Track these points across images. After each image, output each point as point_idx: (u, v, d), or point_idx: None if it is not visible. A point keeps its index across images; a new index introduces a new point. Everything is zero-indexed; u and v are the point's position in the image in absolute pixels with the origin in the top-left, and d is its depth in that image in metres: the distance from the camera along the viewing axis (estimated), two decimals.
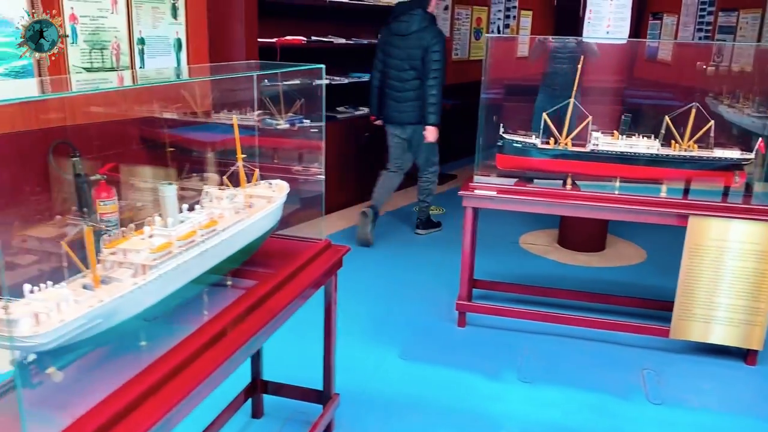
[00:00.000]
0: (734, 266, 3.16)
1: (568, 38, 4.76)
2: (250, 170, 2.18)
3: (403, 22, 4.73)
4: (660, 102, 4.66)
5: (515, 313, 3.59)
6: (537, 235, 5.29)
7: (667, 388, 3.09)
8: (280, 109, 2.96)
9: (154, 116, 2.77)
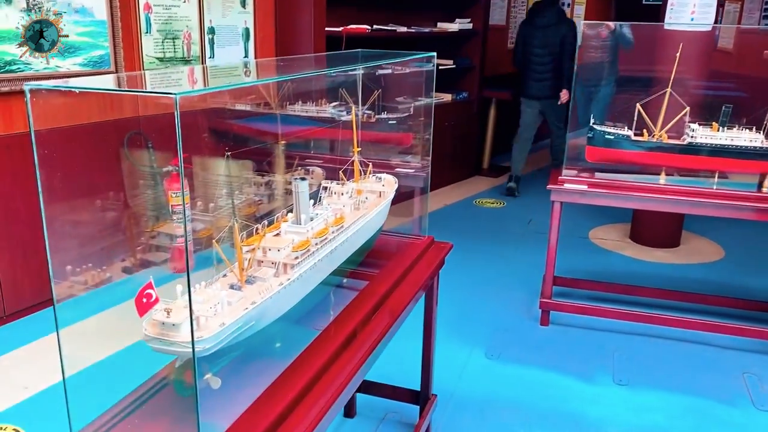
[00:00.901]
0: None
1: (645, 24, 4.57)
2: (365, 165, 2.10)
3: (544, 17, 5.78)
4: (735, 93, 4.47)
5: (602, 312, 3.46)
6: (607, 229, 5.12)
7: None
8: (356, 101, 2.88)
9: (248, 109, 2.70)
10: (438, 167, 5.12)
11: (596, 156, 3.36)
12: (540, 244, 4.08)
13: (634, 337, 3.41)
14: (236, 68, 3.06)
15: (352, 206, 1.91)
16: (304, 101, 2.88)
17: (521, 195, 6.04)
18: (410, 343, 2.45)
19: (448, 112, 5.92)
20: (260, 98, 2.75)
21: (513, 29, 7.73)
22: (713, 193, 3.16)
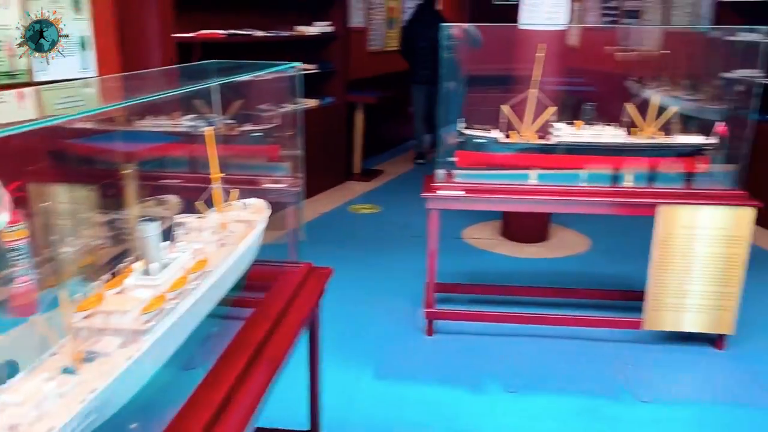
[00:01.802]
0: (704, 253, 3.14)
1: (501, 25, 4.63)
2: (229, 188, 1.84)
3: (426, 15, 6.90)
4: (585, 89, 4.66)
5: (483, 317, 3.43)
6: (479, 228, 5.16)
7: (650, 383, 3.03)
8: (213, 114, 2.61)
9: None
10: (309, 174, 4.89)
11: (467, 161, 3.31)
12: (418, 249, 3.99)
13: (518, 338, 3.40)
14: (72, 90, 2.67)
15: (216, 244, 1.65)
16: (155, 115, 2.56)
17: (396, 200, 5.98)
18: (295, 372, 2.22)
19: (315, 117, 5.72)
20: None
21: (374, 31, 7.67)
22: (579, 191, 3.20)
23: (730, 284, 3.17)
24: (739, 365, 3.19)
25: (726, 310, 3.21)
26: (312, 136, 5.52)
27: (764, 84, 3.28)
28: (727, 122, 3.26)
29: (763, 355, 3.26)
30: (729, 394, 2.96)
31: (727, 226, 3.10)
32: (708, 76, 4.19)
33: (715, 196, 3.13)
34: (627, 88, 4.27)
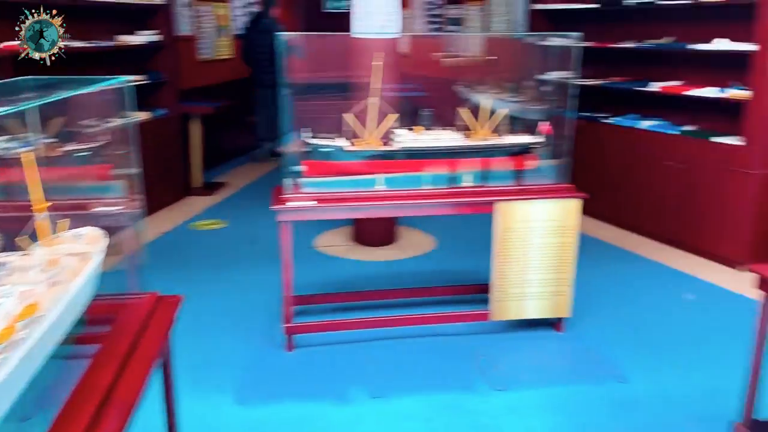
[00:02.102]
0: (540, 243, 3.38)
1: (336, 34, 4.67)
2: (52, 220, 1.64)
3: (263, 23, 7.30)
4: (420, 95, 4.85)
5: (342, 325, 3.42)
6: (331, 236, 5.16)
7: (502, 371, 3.19)
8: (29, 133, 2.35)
9: None
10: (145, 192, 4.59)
11: (315, 171, 3.28)
12: (271, 263, 3.90)
13: (378, 342, 3.43)
14: None
15: (46, 283, 1.47)
16: None
17: (242, 213, 5.79)
18: (150, 409, 2.05)
19: (148, 131, 5.37)
20: None
21: (203, 39, 7.39)
22: (424, 193, 3.30)
23: (564, 271, 3.44)
24: (577, 344, 3.47)
25: (562, 295, 3.48)
26: (145, 150, 5.15)
27: (577, 84, 3.59)
28: (550, 121, 3.53)
29: (595, 333, 3.58)
30: (572, 372, 3.21)
31: (558, 217, 3.35)
32: (528, 79, 4.53)
33: (545, 190, 3.38)
34: (457, 93, 4.49)
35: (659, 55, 5.22)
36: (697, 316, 3.80)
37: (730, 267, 4.47)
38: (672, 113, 5.17)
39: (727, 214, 4.48)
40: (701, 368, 3.20)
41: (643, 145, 5.09)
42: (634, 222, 5.22)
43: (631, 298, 4.03)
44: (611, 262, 4.62)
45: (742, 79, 4.41)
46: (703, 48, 4.60)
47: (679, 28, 5.03)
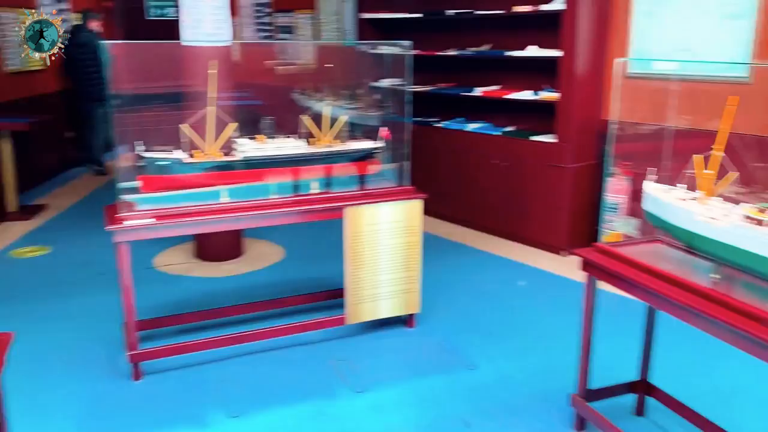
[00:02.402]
0: (388, 244, 3.48)
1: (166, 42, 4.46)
2: None
3: (82, 36, 7.10)
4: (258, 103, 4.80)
5: (192, 347, 3.26)
6: (171, 253, 4.91)
7: (362, 373, 3.24)
8: None
9: None
10: None
11: (153, 186, 3.11)
12: (107, 287, 3.63)
13: (233, 360, 3.33)
14: None
15: None
16: None
17: (68, 236, 5.31)
18: None
19: None
20: None
21: (8, 50, 6.68)
22: (270, 203, 3.26)
23: (412, 269, 3.57)
24: (429, 338, 3.62)
25: (412, 292, 3.61)
26: None
27: (409, 91, 3.73)
28: (388, 126, 3.65)
29: (444, 325, 3.75)
30: (426, 365, 3.33)
31: (403, 218, 3.48)
32: (363, 87, 4.65)
33: (389, 193, 3.48)
34: (296, 101, 4.49)
35: (480, 61, 5.61)
36: (531, 300, 4.13)
37: (555, 253, 4.91)
38: (495, 116, 5.58)
39: (549, 206, 4.92)
40: (540, 349, 3.48)
41: (471, 147, 5.43)
42: (470, 218, 5.56)
43: (473, 289, 4.29)
44: (452, 257, 4.87)
45: (553, 82, 4.88)
46: (518, 54, 5.02)
47: (497, 36, 5.44)
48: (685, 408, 2.67)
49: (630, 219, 4.47)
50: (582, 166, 4.84)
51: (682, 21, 4.31)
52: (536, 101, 4.98)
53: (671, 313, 2.21)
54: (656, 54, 4.48)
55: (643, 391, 2.85)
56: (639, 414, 2.87)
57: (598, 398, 2.77)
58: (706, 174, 2.21)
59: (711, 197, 2.24)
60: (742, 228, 2.03)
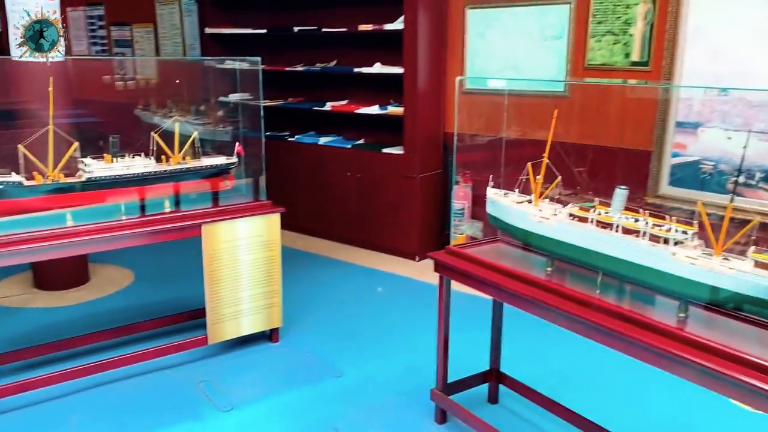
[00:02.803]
0: (248, 260, 3.47)
1: None
2: None
3: None
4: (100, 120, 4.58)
5: (40, 382, 3.03)
6: (6, 285, 4.50)
7: (228, 392, 3.20)
8: None
9: None
10: None
11: None
12: None
13: (88, 392, 3.14)
14: None
15: None
16: None
17: None
18: None
19: None
20: None
21: None
22: (120, 224, 3.12)
23: (273, 283, 3.59)
24: (294, 351, 3.65)
25: (274, 306, 3.62)
26: None
27: (260, 105, 3.75)
28: (241, 141, 3.65)
29: (308, 337, 3.80)
30: (292, 377, 3.36)
31: (262, 233, 3.49)
32: (212, 102, 4.61)
33: (246, 208, 3.48)
34: (141, 117, 4.34)
35: (330, 76, 5.75)
36: (390, 305, 4.31)
37: (410, 259, 5.15)
38: (345, 129, 5.75)
39: (401, 214, 5.16)
40: (401, 350, 3.65)
41: (324, 160, 5.55)
42: (326, 230, 5.66)
43: (334, 298, 4.38)
44: (311, 270, 4.94)
45: (398, 97, 5.13)
46: (366, 71, 5.22)
47: (345, 52, 5.62)
48: (531, 391, 2.94)
49: (475, 222, 4.83)
50: (429, 176, 5.13)
51: (509, 41, 4.74)
52: (384, 115, 5.21)
53: (514, 304, 2.45)
54: (489, 71, 4.89)
55: (495, 379, 3.10)
56: (493, 401, 3.11)
57: (456, 391, 2.97)
58: (538, 179, 2.48)
59: (542, 199, 2.52)
60: (569, 225, 2.31)
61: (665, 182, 4.06)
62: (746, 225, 1.90)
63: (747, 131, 3.65)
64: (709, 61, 3.81)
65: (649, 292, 2.17)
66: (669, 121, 4.01)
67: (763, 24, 3.58)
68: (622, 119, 4.25)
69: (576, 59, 4.42)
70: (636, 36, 4.11)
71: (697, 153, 3.93)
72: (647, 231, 2.08)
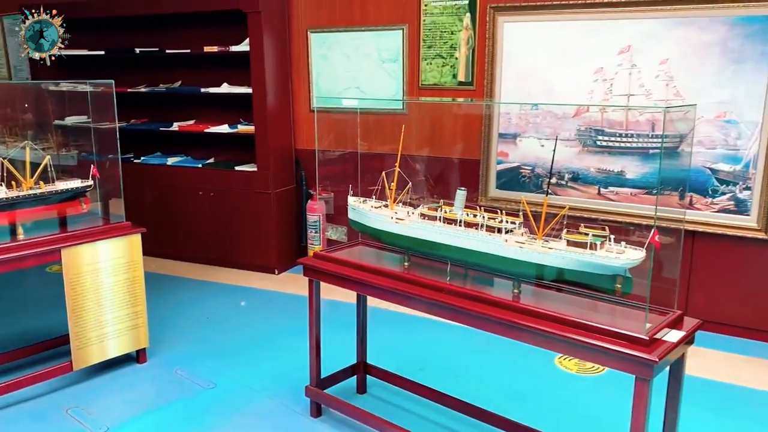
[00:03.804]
0: (111, 282, 3.47)
1: None
2: None
3: None
4: None
5: None
6: None
7: (99, 415, 3.18)
8: None
9: None
10: None
11: None
12: None
13: None
14: None
15: None
16: None
17: None
18: None
19: None
20: None
21: None
22: None
23: (137, 304, 3.61)
24: (163, 369, 3.68)
25: (140, 327, 3.64)
26: None
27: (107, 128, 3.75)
28: (96, 164, 3.63)
29: (177, 355, 3.85)
30: (165, 394, 3.41)
31: (123, 254, 3.51)
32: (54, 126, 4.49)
33: (107, 230, 3.48)
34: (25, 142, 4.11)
35: (177, 97, 5.76)
36: (255, 317, 4.45)
37: (270, 273, 5.32)
38: (193, 149, 5.80)
39: (258, 229, 5.32)
40: (272, 356, 3.82)
41: (175, 180, 5.55)
42: (183, 251, 5.64)
43: (199, 316, 4.43)
44: (173, 291, 4.92)
45: (248, 116, 5.31)
46: (214, 91, 5.33)
47: (192, 73, 5.67)
48: (396, 377, 3.28)
49: (339, 227, 5.13)
50: (283, 191, 5.35)
51: (351, 63, 5.13)
52: (234, 134, 5.35)
53: (379, 296, 2.77)
54: (334, 90, 5.23)
55: (362, 371, 3.39)
56: (361, 392, 3.40)
57: (329, 385, 3.22)
58: (392, 186, 2.82)
59: (396, 204, 2.87)
60: (421, 223, 2.67)
61: (493, 186, 4.65)
62: (559, 214, 2.37)
63: (555, 138, 4.32)
64: (521, 80, 4.45)
65: (489, 274, 2.59)
66: (493, 133, 4.60)
67: (559, 50, 4.27)
68: (454, 133, 4.80)
69: (411, 80, 4.90)
70: (461, 59, 4.68)
71: (517, 159, 4.55)
72: (484, 223, 2.49)
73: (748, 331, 4.02)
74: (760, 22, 3.68)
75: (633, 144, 4.16)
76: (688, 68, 3.92)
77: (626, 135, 4.17)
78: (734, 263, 3.99)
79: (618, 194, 4.23)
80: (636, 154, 4.14)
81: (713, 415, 3.17)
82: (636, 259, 2.18)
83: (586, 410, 3.22)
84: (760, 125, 3.78)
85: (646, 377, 2.03)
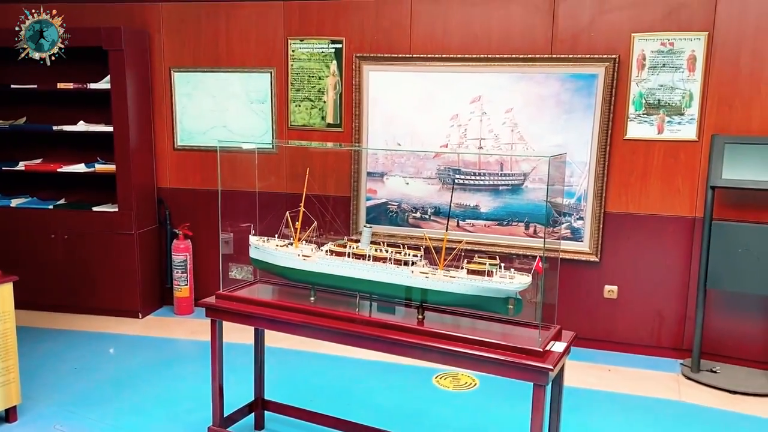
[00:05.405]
0: None
1: None
2: None
3: None
4: None
5: None
6: None
7: None
8: None
9: None
10: None
11: None
12: None
13: None
14: None
15: None
16: None
17: None
18: None
19: None
20: None
21: None
22: None
23: (9, 358, 3.36)
24: (39, 427, 3.43)
25: (11, 383, 3.38)
26: None
27: None
28: None
29: (52, 410, 3.59)
30: None
31: None
32: None
33: None
34: None
35: (23, 135, 5.37)
36: (128, 363, 4.27)
37: (134, 317, 5.11)
38: (40, 190, 5.42)
39: (119, 272, 5.10)
40: (156, 403, 3.72)
41: (21, 223, 5.15)
42: (34, 299, 5.15)
43: (68, 368, 4.16)
44: (36, 342, 4.54)
45: (106, 155, 5.12)
46: (69, 129, 5.07)
47: (42, 110, 5.32)
48: (293, 409, 3.39)
49: (244, 267, 5.08)
50: (145, 231, 5.20)
51: (217, 103, 5.18)
52: (92, 173, 5.12)
53: (288, 331, 2.90)
54: (199, 129, 5.23)
55: (260, 407, 3.45)
56: (259, 428, 3.46)
57: (231, 423, 3.25)
58: (297, 225, 2.99)
59: (300, 242, 3.04)
60: (330, 259, 2.87)
61: (363, 221, 4.95)
62: (457, 248, 2.71)
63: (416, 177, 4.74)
64: (387, 123, 4.83)
65: (397, 303, 2.86)
66: (362, 172, 4.92)
67: (420, 97, 4.73)
68: (324, 171, 5.04)
69: (281, 120, 5.08)
70: (329, 103, 4.96)
71: (385, 196, 4.91)
72: (391, 257, 2.76)
73: (586, 341, 4.68)
74: (584, 79, 4.41)
75: (485, 182, 4.71)
76: (529, 116, 4.55)
77: (479, 174, 4.72)
78: (572, 282, 4.65)
79: (474, 226, 4.74)
80: (488, 190, 4.69)
81: (571, 416, 3.69)
82: (525, 283, 2.57)
83: (464, 423, 3.58)
84: (587, 165, 4.50)
85: (542, 383, 2.40)
